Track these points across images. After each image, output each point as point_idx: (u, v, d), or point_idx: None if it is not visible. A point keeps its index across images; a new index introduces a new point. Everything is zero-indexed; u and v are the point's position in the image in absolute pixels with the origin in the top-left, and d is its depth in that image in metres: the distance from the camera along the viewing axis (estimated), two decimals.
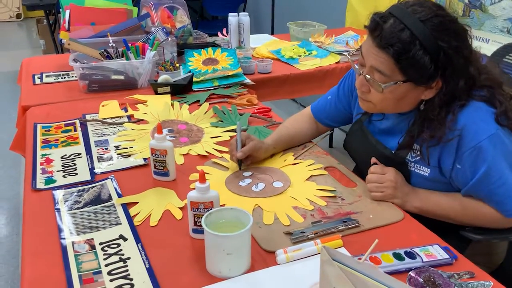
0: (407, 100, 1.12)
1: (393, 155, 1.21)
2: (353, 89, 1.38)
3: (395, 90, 1.09)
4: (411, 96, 1.11)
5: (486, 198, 1.11)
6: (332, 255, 0.54)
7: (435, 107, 1.09)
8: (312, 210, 1.13)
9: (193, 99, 1.80)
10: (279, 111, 1.82)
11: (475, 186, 1.10)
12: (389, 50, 1.03)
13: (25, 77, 2.08)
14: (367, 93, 1.14)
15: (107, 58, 1.95)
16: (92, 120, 1.60)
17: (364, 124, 1.32)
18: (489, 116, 1.08)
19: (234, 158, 1.29)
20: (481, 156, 1.06)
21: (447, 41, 1.02)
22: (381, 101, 1.13)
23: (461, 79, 1.07)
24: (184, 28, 2.26)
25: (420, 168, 1.17)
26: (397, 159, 1.19)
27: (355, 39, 2.52)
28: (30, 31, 6.37)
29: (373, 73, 1.09)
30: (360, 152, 1.34)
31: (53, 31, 4.45)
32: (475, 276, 0.92)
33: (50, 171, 1.29)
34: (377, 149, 1.25)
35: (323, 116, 1.47)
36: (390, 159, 1.21)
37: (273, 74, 2.17)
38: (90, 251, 0.98)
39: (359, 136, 1.33)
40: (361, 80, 1.14)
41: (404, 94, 1.09)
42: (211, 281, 0.91)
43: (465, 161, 1.08)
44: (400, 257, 0.95)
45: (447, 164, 1.12)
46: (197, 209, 0.99)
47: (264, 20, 4.59)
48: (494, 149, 1.06)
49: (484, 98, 1.10)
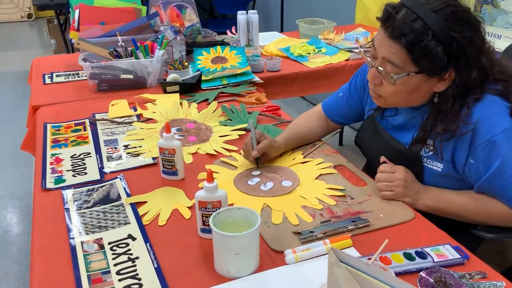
0: (419, 92, 1.10)
1: (406, 150, 1.19)
2: (365, 84, 1.37)
3: (407, 82, 1.07)
4: (423, 89, 1.09)
5: (499, 194, 1.09)
6: (340, 256, 0.54)
7: (449, 99, 1.08)
8: (321, 209, 1.12)
9: (202, 97, 1.79)
10: (288, 109, 1.81)
11: (488, 181, 1.08)
12: (401, 40, 1.02)
13: (35, 76, 2.10)
14: (379, 86, 1.13)
15: (116, 57, 1.95)
16: (102, 119, 1.60)
17: (376, 120, 1.31)
18: (503, 110, 1.06)
19: (250, 157, 1.29)
20: (495, 151, 1.05)
21: (460, 31, 1.01)
22: (393, 94, 1.11)
23: (474, 70, 1.05)
24: (193, 26, 2.26)
25: (433, 164, 1.15)
26: (411, 154, 1.18)
27: (365, 36, 2.50)
28: (41, 31, 6.42)
29: (385, 65, 1.08)
30: (372, 148, 1.33)
31: (63, 31, 4.48)
32: (487, 276, 0.91)
33: (60, 171, 1.29)
34: (391, 144, 1.23)
35: (334, 114, 1.46)
36: (404, 155, 1.19)
37: (282, 72, 2.15)
38: (99, 250, 0.98)
39: (371, 131, 1.32)
40: (373, 72, 1.12)
41: (416, 86, 1.08)
42: (219, 281, 0.90)
43: (479, 155, 1.07)
44: (411, 257, 0.94)
45: (460, 158, 1.10)
46: (205, 208, 0.99)
47: (273, 18, 4.57)
48: (508, 144, 1.04)
49: (498, 92, 1.08)
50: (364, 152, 1.40)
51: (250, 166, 1.32)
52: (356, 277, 0.51)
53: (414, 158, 1.17)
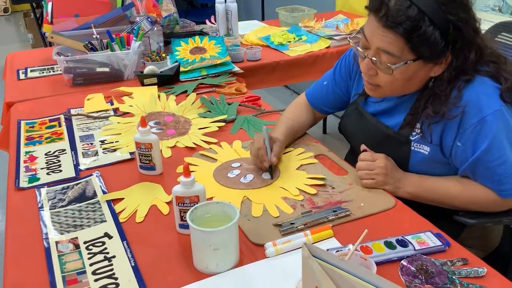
0: (416, 79, 1.09)
1: (395, 134, 1.18)
2: (351, 70, 1.35)
3: (405, 71, 1.05)
4: (420, 75, 1.08)
5: (483, 176, 1.08)
6: (313, 252, 0.52)
7: (443, 82, 1.06)
8: (302, 200, 1.10)
9: (180, 89, 1.76)
10: (271, 99, 1.79)
11: (474, 164, 1.07)
12: (397, 29, 0.99)
13: (9, 72, 2.04)
14: (374, 77, 1.10)
15: (92, 50, 1.90)
16: (77, 114, 1.56)
17: (360, 105, 1.29)
18: (493, 92, 1.05)
19: (265, 164, 1.19)
20: (483, 133, 1.04)
21: (455, 13, 0.99)
22: (390, 83, 1.09)
23: (471, 51, 1.04)
24: (170, 16, 2.21)
25: (420, 147, 1.14)
26: (399, 137, 1.17)
27: (345, 23, 2.48)
28: (18, 25, 6.28)
29: (380, 55, 1.05)
30: (358, 134, 1.31)
31: (40, 25, 4.38)
32: (468, 262, 0.90)
33: (34, 169, 1.26)
34: (378, 128, 1.22)
35: (320, 103, 1.43)
36: (392, 138, 1.18)
37: (262, 61, 2.13)
38: (74, 250, 0.96)
39: (355, 117, 1.30)
40: (367, 63, 1.09)
41: (413, 73, 1.06)
42: (198, 278, 0.88)
43: (467, 137, 1.06)
44: (392, 246, 0.93)
45: (448, 141, 1.09)
46: (182, 204, 0.97)
47: (254, 7, 4.52)
48: (497, 126, 1.03)
49: (489, 74, 1.07)
50: (349, 139, 1.38)
51: (229, 158, 1.29)
52: (329, 272, 0.50)
53: (403, 142, 1.16)
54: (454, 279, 0.85)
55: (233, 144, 1.37)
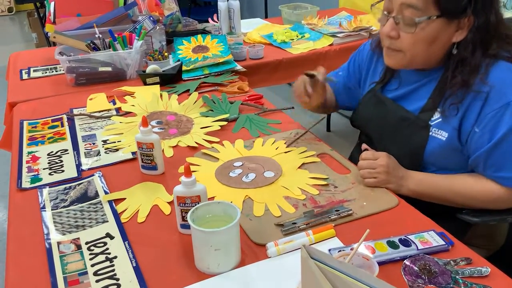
0: (438, 43, 1.08)
1: (415, 118, 1.17)
2: (364, 63, 1.38)
3: (427, 27, 1.05)
4: (442, 38, 1.07)
5: (496, 164, 1.07)
6: (312, 253, 0.52)
7: (468, 44, 1.06)
8: (304, 199, 1.10)
9: (183, 88, 1.76)
10: (275, 97, 1.78)
11: (489, 150, 1.06)
12: None
13: (12, 72, 2.05)
14: (395, 40, 1.11)
15: (94, 49, 1.90)
16: (79, 114, 1.56)
17: (377, 92, 1.30)
18: None
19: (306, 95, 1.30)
20: (505, 118, 1.03)
21: None
22: (412, 45, 1.09)
23: (491, 14, 1.05)
24: (173, 15, 2.21)
25: (438, 132, 1.13)
26: (419, 122, 1.16)
27: (348, 20, 2.46)
28: (22, 25, 6.30)
29: (404, 11, 1.06)
30: (374, 121, 1.30)
31: (44, 24, 4.39)
32: (472, 262, 0.89)
33: (36, 169, 1.26)
34: (397, 113, 1.22)
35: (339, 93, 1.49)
36: (411, 122, 1.17)
37: (265, 59, 2.12)
38: (76, 251, 0.95)
39: (373, 104, 1.30)
40: (390, 24, 1.10)
41: (436, 34, 1.06)
42: (200, 278, 0.88)
43: (487, 123, 1.05)
44: (395, 245, 0.92)
45: (467, 126, 1.09)
46: (184, 204, 0.96)
47: (258, 4, 4.51)
48: None
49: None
50: (363, 128, 1.38)
51: (231, 157, 1.29)
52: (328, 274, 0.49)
53: (422, 126, 1.15)
54: (458, 279, 0.84)
55: (236, 143, 1.36)
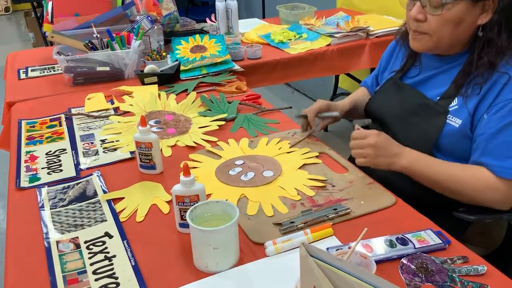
0: (464, 25, 1.11)
1: (434, 104, 1.19)
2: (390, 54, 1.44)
3: (453, 9, 1.09)
4: (468, 20, 1.10)
5: (495, 151, 1.07)
6: (311, 251, 0.52)
7: (494, 26, 1.10)
8: (301, 199, 1.10)
9: (181, 88, 1.76)
10: (273, 96, 1.79)
11: (491, 136, 1.07)
12: None
13: (10, 72, 2.05)
14: (422, 24, 1.14)
15: (92, 49, 1.90)
16: (78, 114, 1.56)
17: (398, 79, 1.34)
18: None
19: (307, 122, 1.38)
20: None
21: None
22: (439, 27, 1.12)
23: None
24: (171, 15, 2.21)
25: (452, 119, 1.15)
26: (438, 107, 1.18)
27: (346, 20, 2.47)
28: (19, 25, 6.29)
29: None
30: (392, 106, 1.32)
31: (41, 24, 4.38)
32: (469, 260, 0.90)
33: (35, 169, 1.26)
34: (416, 98, 1.25)
35: (372, 90, 1.53)
36: (430, 108, 1.20)
37: (263, 59, 2.12)
38: (74, 250, 0.96)
39: (392, 91, 1.34)
40: (417, 7, 1.13)
41: (462, 15, 1.09)
42: (198, 277, 0.88)
43: (496, 110, 1.08)
44: (392, 244, 0.93)
45: (480, 112, 1.11)
46: (182, 203, 0.97)
47: (255, 5, 4.52)
48: None
49: None
50: (380, 113, 1.38)
51: (234, 155, 1.29)
52: (327, 271, 0.50)
53: (440, 112, 1.17)
54: (454, 277, 0.85)
55: (240, 142, 1.37)
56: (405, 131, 1.23)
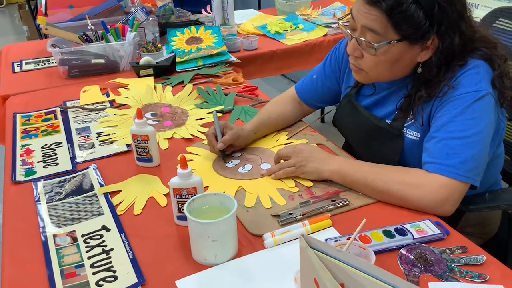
0: (402, 63, 1.07)
1: (388, 127, 1.16)
2: (340, 62, 1.33)
3: (389, 51, 1.04)
4: (406, 58, 1.06)
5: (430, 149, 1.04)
6: (311, 243, 0.52)
7: (433, 67, 1.05)
8: (299, 190, 1.10)
9: (177, 80, 1.75)
10: (269, 88, 1.78)
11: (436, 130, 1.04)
12: (380, 5, 0.98)
13: (4, 65, 2.03)
14: (360, 59, 1.09)
15: (87, 41, 1.89)
16: (73, 107, 1.55)
17: (353, 97, 1.28)
18: (485, 75, 1.04)
19: (215, 150, 1.22)
20: (460, 102, 1.02)
21: None
22: (375, 66, 1.07)
23: (456, 35, 1.02)
24: (165, 6, 2.19)
25: (411, 133, 1.13)
26: (392, 130, 1.15)
27: (342, 10, 2.46)
28: (13, 18, 6.23)
29: (365, 34, 1.04)
30: (351, 127, 1.30)
31: (35, 17, 4.34)
32: (467, 250, 0.90)
33: (30, 162, 1.25)
34: (371, 122, 1.20)
35: (309, 98, 1.41)
36: (385, 131, 1.17)
37: (259, 50, 2.11)
38: (72, 243, 0.95)
39: (348, 110, 1.29)
40: (353, 44, 1.08)
41: (398, 55, 1.04)
42: (197, 269, 0.88)
43: (443, 107, 1.05)
44: (391, 235, 0.93)
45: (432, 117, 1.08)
46: (180, 195, 0.96)
47: None
48: (478, 105, 1.01)
49: (483, 57, 1.06)
50: (343, 132, 1.37)
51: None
52: (327, 263, 0.49)
53: (395, 134, 1.15)
54: (453, 267, 0.85)
55: None
56: (368, 153, 1.21)
